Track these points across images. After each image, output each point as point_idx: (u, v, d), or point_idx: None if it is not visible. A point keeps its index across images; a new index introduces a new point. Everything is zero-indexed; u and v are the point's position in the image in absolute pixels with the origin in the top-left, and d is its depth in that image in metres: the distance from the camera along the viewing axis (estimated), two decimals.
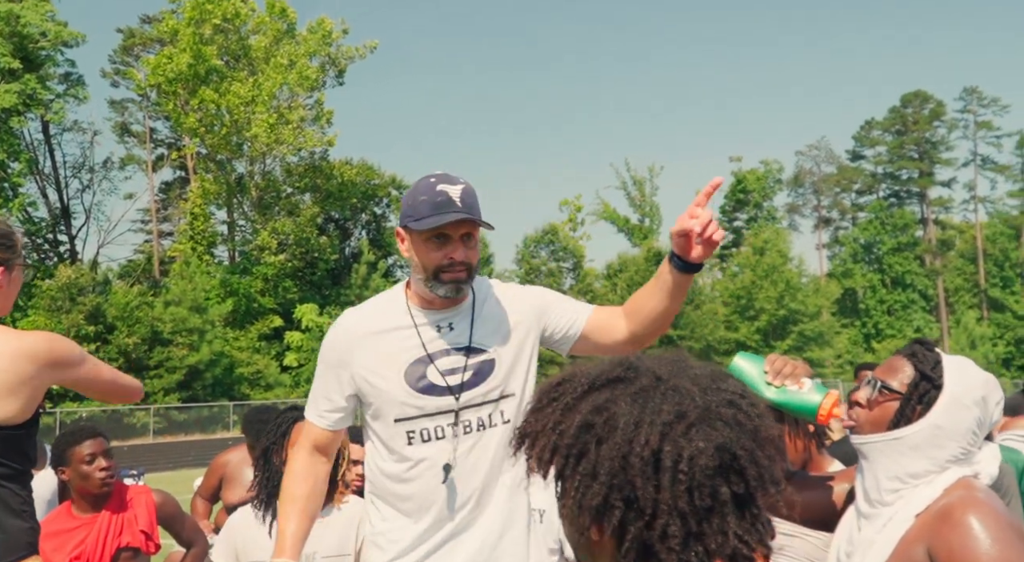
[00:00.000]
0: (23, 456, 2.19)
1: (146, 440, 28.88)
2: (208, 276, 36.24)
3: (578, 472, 0.95)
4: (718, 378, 1.00)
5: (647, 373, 0.99)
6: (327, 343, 2.24)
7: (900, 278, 55.76)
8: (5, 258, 2.26)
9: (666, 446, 0.91)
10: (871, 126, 62.15)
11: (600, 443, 0.94)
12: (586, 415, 0.96)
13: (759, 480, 0.93)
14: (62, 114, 35.86)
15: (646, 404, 0.95)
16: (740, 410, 0.96)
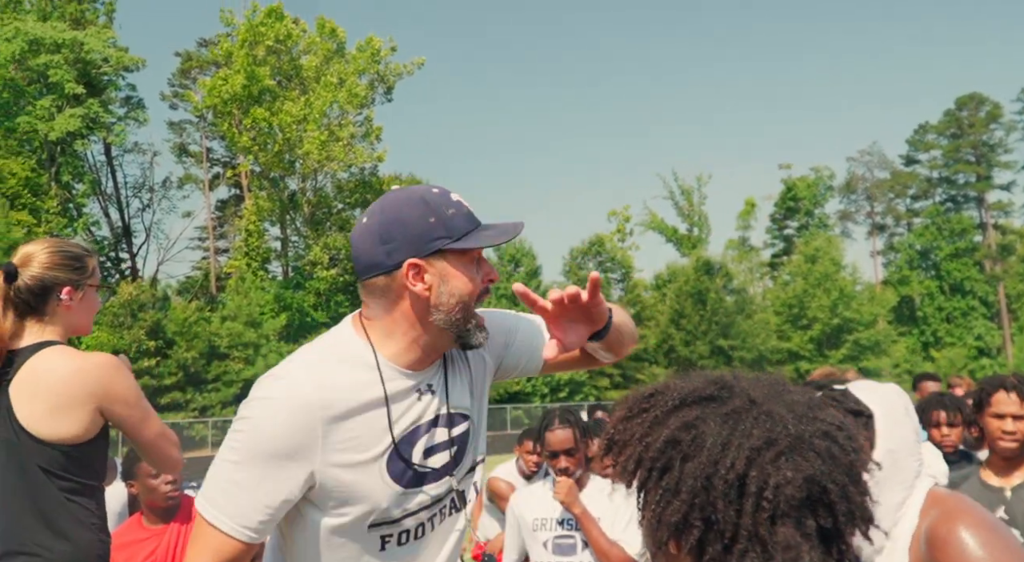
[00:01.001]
0: (89, 471, 2.21)
1: (204, 452, 29.52)
2: (262, 291, 36.99)
3: (660, 486, 0.94)
4: (815, 406, 0.97)
5: (741, 395, 0.97)
6: (276, 425, 1.52)
7: (959, 284, 54.49)
8: (74, 279, 2.30)
9: (752, 472, 0.89)
10: (925, 130, 60.97)
11: (685, 460, 0.93)
12: (674, 430, 0.95)
13: (849, 516, 0.91)
14: (123, 136, 37.04)
15: (736, 426, 0.93)
16: (835, 442, 0.93)
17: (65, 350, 2.23)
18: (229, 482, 1.53)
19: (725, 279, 46.38)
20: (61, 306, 2.29)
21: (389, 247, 1.61)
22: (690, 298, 43.72)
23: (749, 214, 53.60)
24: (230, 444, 1.56)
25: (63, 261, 2.30)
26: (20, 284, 2.25)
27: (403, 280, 1.60)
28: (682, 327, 43.60)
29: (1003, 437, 2.77)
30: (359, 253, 1.65)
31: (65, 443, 2.15)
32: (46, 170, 34.14)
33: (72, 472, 2.16)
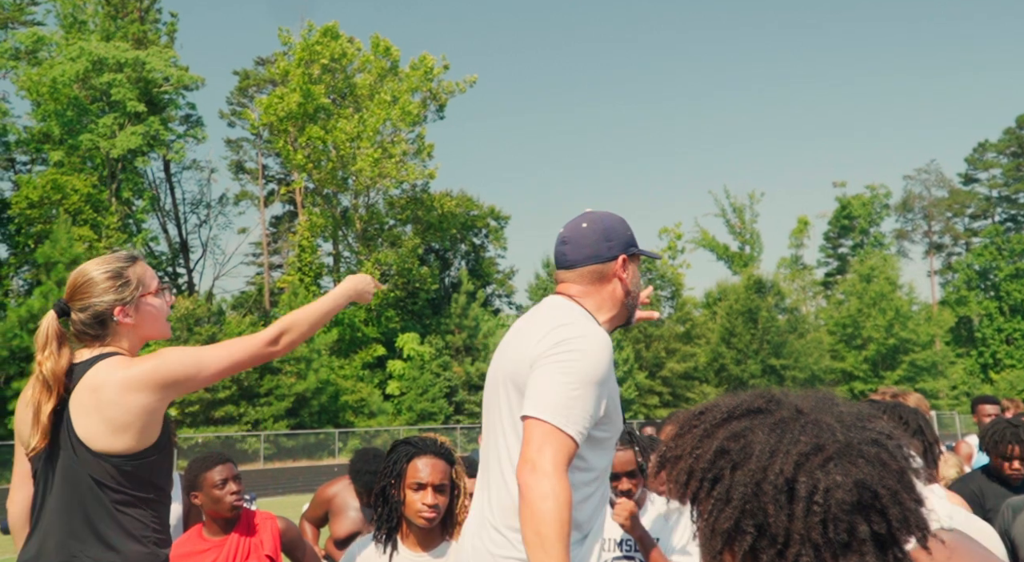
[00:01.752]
0: (143, 483, 2.20)
1: (257, 465, 29.89)
2: None
3: (712, 496, 0.95)
4: (865, 417, 0.98)
5: (788, 406, 0.99)
6: (601, 356, 2.04)
7: (1019, 305, 53.04)
8: (119, 299, 2.29)
9: (801, 476, 0.91)
10: (985, 148, 59.64)
11: (735, 469, 0.94)
12: (723, 441, 0.97)
13: (903, 522, 0.91)
14: (182, 154, 37.90)
15: (783, 435, 0.94)
16: (885, 449, 0.94)
17: (117, 361, 2.22)
18: (569, 398, 1.97)
19: (777, 298, 45.75)
20: (121, 325, 2.31)
21: (610, 244, 2.23)
22: (741, 316, 43.20)
23: (802, 232, 52.90)
24: (564, 371, 2.00)
25: (105, 284, 2.30)
26: (75, 318, 2.29)
27: (616, 269, 2.23)
28: (733, 346, 43.07)
29: None
30: (583, 245, 2.23)
31: (118, 455, 2.16)
32: (107, 186, 35.10)
33: (124, 484, 2.17)
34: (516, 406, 2.10)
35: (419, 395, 36.40)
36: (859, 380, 44.66)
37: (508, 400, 2.14)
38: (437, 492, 2.61)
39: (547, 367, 2.01)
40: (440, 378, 36.91)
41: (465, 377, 37.66)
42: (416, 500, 2.59)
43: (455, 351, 38.63)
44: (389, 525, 2.65)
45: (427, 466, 2.62)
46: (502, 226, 45.96)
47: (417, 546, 2.66)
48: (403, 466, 2.64)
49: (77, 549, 2.14)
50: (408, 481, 2.61)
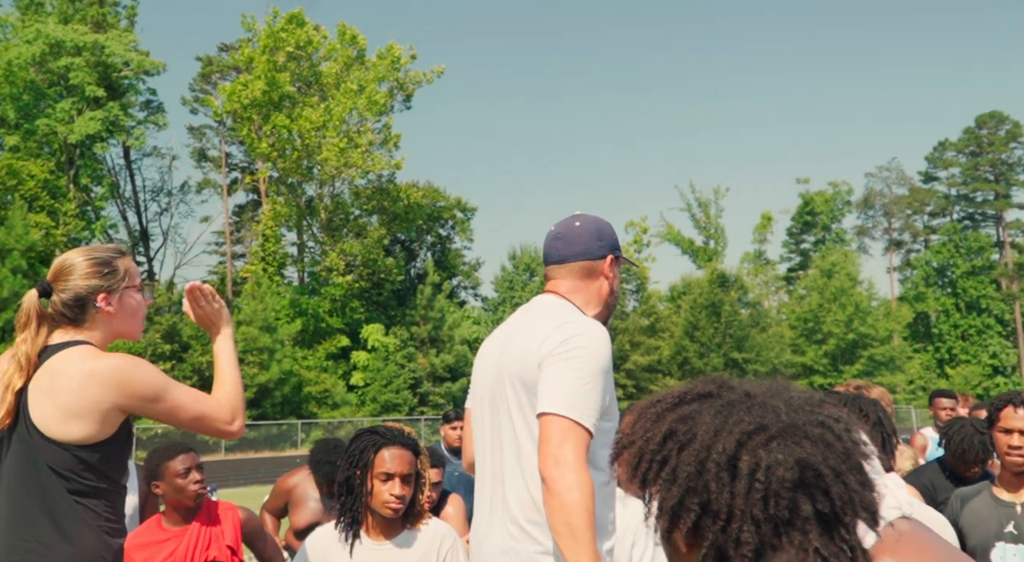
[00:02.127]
0: (100, 473, 2.17)
1: (218, 456, 29.62)
2: (278, 296, 37.13)
3: (660, 477, 0.98)
4: (815, 402, 0.99)
5: (738, 390, 1.02)
6: (606, 349, 2.16)
7: (975, 302, 54.18)
8: (106, 285, 2.28)
9: (743, 455, 0.93)
10: (944, 147, 60.74)
11: (681, 449, 0.97)
12: (671, 424, 1.00)
13: (847, 502, 0.92)
14: (143, 140, 37.34)
15: (729, 416, 0.97)
16: (830, 431, 0.95)
17: (85, 350, 2.20)
18: (581, 391, 2.07)
19: (740, 292, 46.25)
20: (101, 313, 2.28)
21: (601, 243, 2.35)
22: (705, 310, 43.61)
23: (766, 228, 53.50)
24: (574, 367, 2.09)
25: (93, 269, 2.29)
26: (56, 299, 2.26)
27: (604, 267, 2.35)
28: (696, 339, 43.47)
29: (1010, 452, 2.80)
30: (576, 241, 2.34)
31: (75, 444, 2.13)
32: (65, 173, 34.44)
33: (81, 474, 2.14)
34: (527, 405, 2.18)
35: (383, 386, 36.28)
36: (819, 374, 45.35)
37: (518, 399, 2.21)
38: (404, 482, 2.62)
39: (557, 365, 2.11)
40: (405, 369, 36.82)
41: (430, 368, 37.60)
42: (384, 491, 2.60)
43: (420, 342, 38.54)
44: (353, 514, 2.65)
45: (394, 457, 2.62)
46: (468, 218, 45.89)
47: (380, 535, 2.67)
48: (370, 456, 2.64)
49: (28, 533, 2.11)
50: (375, 471, 2.61)
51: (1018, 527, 2.74)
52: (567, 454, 1.99)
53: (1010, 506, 2.79)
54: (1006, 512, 2.79)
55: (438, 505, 4.68)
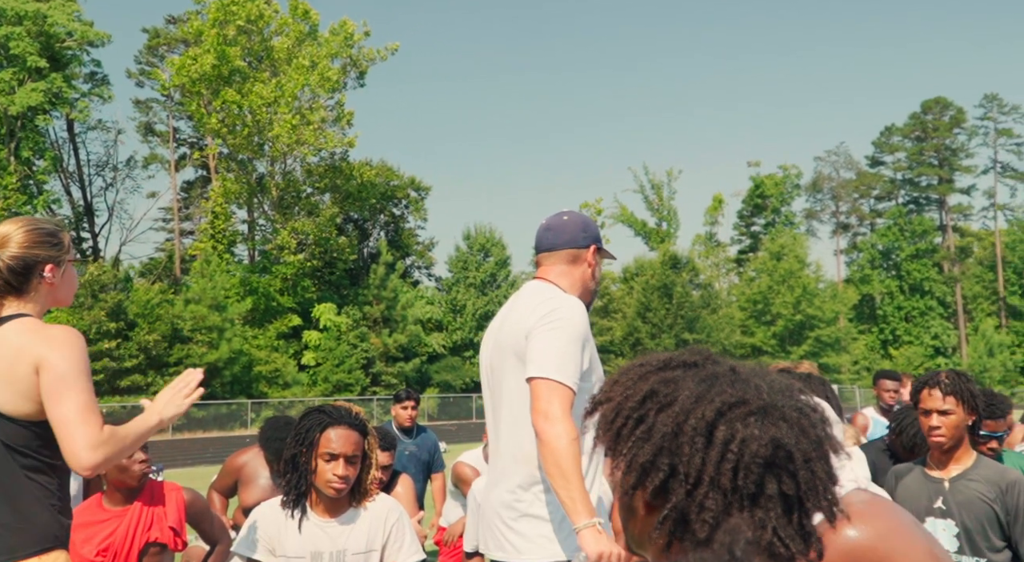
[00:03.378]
0: (53, 449, 2.13)
1: (165, 436, 29.20)
2: (228, 275, 36.59)
3: (635, 434, 0.98)
4: (795, 389, 1.01)
5: (723, 365, 1.03)
6: (583, 319, 2.50)
7: (918, 285, 55.48)
8: (54, 256, 2.28)
9: (721, 424, 0.93)
10: (891, 132, 61.87)
11: (660, 410, 0.97)
12: (654, 385, 1.00)
13: (811, 488, 0.93)
14: (87, 113, 36.35)
15: (712, 386, 0.98)
16: (807, 418, 0.96)
17: (28, 322, 2.18)
18: (563, 354, 2.39)
19: (692, 274, 46.75)
20: (44, 283, 2.27)
21: (586, 234, 2.66)
22: (657, 292, 44.01)
23: (717, 210, 54.05)
24: (556, 336, 2.42)
25: (41, 238, 2.27)
26: (2, 265, 2.22)
27: (588, 256, 2.65)
28: (648, 320, 43.89)
29: (931, 433, 2.87)
30: (564, 231, 2.66)
31: (26, 418, 2.10)
32: (5, 145, 33.40)
33: (34, 449, 2.12)
34: (520, 372, 2.47)
35: (335, 366, 36.04)
36: (768, 355, 46.12)
37: (514, 369, 2.52)
38: (348, 463, 2.61)
39: (541, 334, 2.43)
40: (357, 349, 36.59)
41: (383, 348, 37.43)
42: (327, 470, 2.60)
43: (373, 322, 38.32)
44: (298, 491, 2.66)
45: (340, 437, 2.62)
46: (422, 197, 45.60)
47: (325, 513, 2.67)
48: (316, 435, 2.64)
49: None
50: (320, 451, 2.61)
51: (946, 503, 2.82)
52: (554, 409, 2.31)
53: (939, 482, 2.86)
54: (935, 488, 2.86)
55: (388, 485, 4.68)
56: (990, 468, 2.83)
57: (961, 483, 2.82)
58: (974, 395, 2.85)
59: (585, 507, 2.22)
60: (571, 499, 2.23)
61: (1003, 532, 2.74)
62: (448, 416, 37.45)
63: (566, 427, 2.28)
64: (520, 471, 2.50)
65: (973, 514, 2.76)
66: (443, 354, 40.60)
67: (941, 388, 2.86)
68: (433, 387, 38.97)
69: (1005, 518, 2.72)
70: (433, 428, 7.22)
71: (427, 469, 5.98)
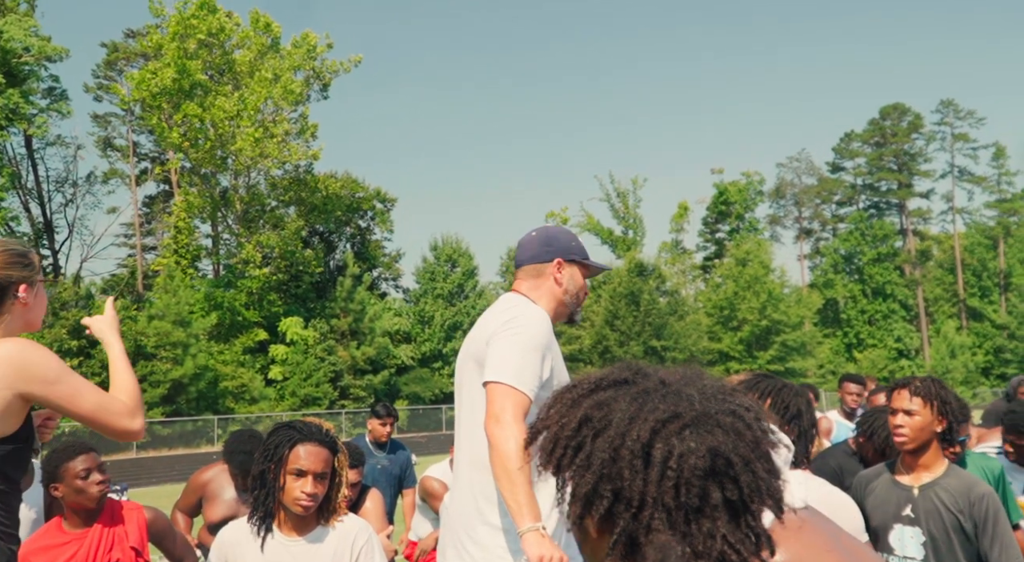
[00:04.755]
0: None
1: (129, 455, 28.74)
2: (192, 290, 36.14)
3: (575, 463, 0.98)
4: (726, 391, 1.01)
5: (653, 378, 1.03)
6: (543, 327, 2.53)
7: (880, 288, 56.27)
8: (27, 276, 2.27)
9: (657, 442, 0.93)
10: (851, 138, 62.83)
11: (596, 436, 0.97)
12: (587, 410, 1.00)
13: (755, 490, 0.94)
14: (45, 128, 35.73)
15: (644, 404, 0.97)
16: (741, 420, 0.96)
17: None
18: (520, 360, 2.41)
19: (658, 281, 47.03)
20: (18, 304, 2.24)
21: (549, 248, 2.74)
22: (624, 299, 44.20)
23: (682, 217, 54.46)
24: (512, 342, 2.44)
25: (13, 259, 2.25)
26: None
27: (551, 269, 2.72)
28: (616, 328, 44.05)
29: (893, 431, 2.88)
30: (528, 248, 2.76)
31: None
32: None
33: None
34: (479, 378, 2.50)
35: (303, 380, 35.70)
36: (735, 360, 46.49)
37: (472, 376, 2.58)
38: (317, 480, 2.58)
39: (498, 340, 2.46)
40: (325, 363, 36.30)
41: (351, 361, 37.15)
42: (295, 487, 2.56)
43: (340, 335, 38.04)
44: (265, 509, 2.63)
45: (309, 454, 2.58)
46: (388, 208, 45.41)
47: (292, 531, 2.63)
48: (284, 452, 2.61)
49: None
50: (289, 467, 2.58)
51: (914, 510, 2.81)
52: (506, 414, 2.32)
53: (908, 490, 2.86)
54: (904, 495, 2.86)
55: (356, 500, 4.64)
56: (961, 479, 2.82)
57: (930, 491, 2.82)
58: (945, 401, 2.86)
59: (530, 511, 2.21)
60: (516, 503, 2.22)
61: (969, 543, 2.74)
62: (417, 428, 37.25)
63: (515, 431, 2.28)
64: (478, 478, 2.49)
65: (940, 523, 2.76)
66: (412, 366, 40.39)
67: (910, 389, 2.88)
68: (402, 399, 38.75)
69: (973, 530, 2.73)
70: (403, 440, 7.19)
71: (398, 484, 5.94)
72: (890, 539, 2.85)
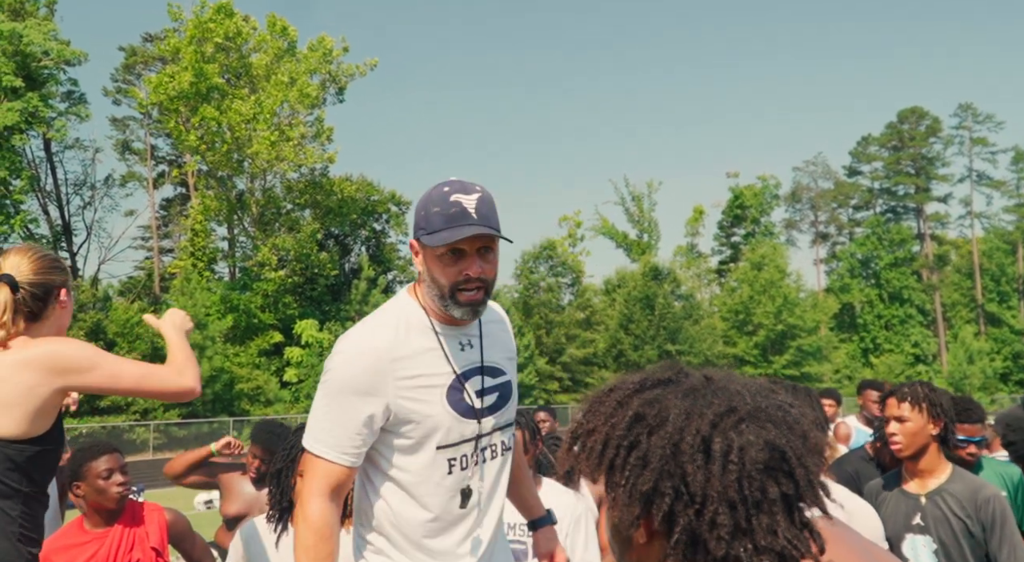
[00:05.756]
0: (25, 475, 2.10)
1: (146, 456, 28.89)
2: (208, 292, 36.34)
3: (629, 462, 0.96)
4: (768, 389, 1.02)
5: (697, 376, 1.03)
6: (353, 369, 1.93)
7: (897, 293, 55.91)
8: (65, 280, 2.35)
9: (716, 437, 0.92)
10: (868, 142, 62.48)
11: (651, 433, 0.95)
12: (638, 408, 0.98)
13: (808, 484, 0.93)
14: (64, 132, 36.04)
15: (697, 399, 0.97)
16: (790, 415, 0.97)
17: (17, 342, 2.19)
18: (325, 420, 1.94)
19: (673, 285, 46.89)
20: (58, 307, 2.32)
21: (415, 225, 2.01)
22: (639, 303, 44.10)
23: (697, 221, 54.29)
24: (320, 392, 1.98)
25: (52, 264, 2.34)
26: (24, 293, 2.25)
27: (416, 248, 2.02)
28: (631, 332, 43.96)
29: (889, 439, 2.88)
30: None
31: (6, 439, 2.08)
32: None
33: (4, 473, 2.07)
34: None
35: (318, 382, 35.79)
36: (750, 365, 46.29)
37: None
38: None
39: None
40: None
41: None
42: None
43: None
44: (280, 507, 2.68)
45: None
46: (403, 211, 45.52)
47: None
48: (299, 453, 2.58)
49: None
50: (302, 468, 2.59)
51: (924, 519, 2.81)
52: (304, 490, 1.95)
53: (915, 498, 2.85)
54: (912, 504, 2.85)
55: None
56: (966, 483, 2.81)
57: (937, 499, 2.81)
58: (935, 403, 2.83)
59: None
60: None
61: (979, 547, 2.73)
62: None
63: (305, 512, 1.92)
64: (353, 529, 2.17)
65: (949, 530, 2.75)
66: None
67: (898, 395, 2.88)
68: None
69: (981, 534, 2.71)
70: None
71: None
72: (903, 549, 2.85)
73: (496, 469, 2.10)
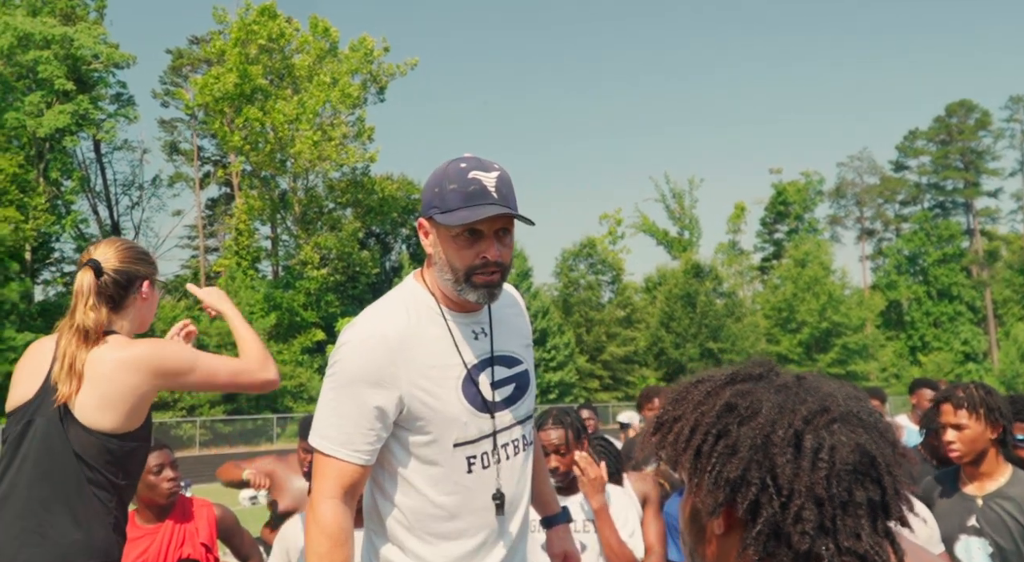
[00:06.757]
0: (119, 467, 2.20)
1: (192, 452, 29.39)
2: (252, 290, 36.85)
3: (717, 449, 0.96)
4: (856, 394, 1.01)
5: (787, 374, 1.03)
6: (362, 358, 1.79)
7: (946, 290, 54.82)
8: (151, 273, 2.41)
9: (808, 433, 0.93)
10: (915, 136, 61.33)
11: (742, 423, 0.96)
12: (730, 398, 0.99)
13: (895, 492, 0.93)
14: (113, 133, 36.79)
15: (789, 396, 0.97)
16: (880, 422, 0.97)
17: (117, 339, 2.26)
18: (334, 415, 1.80)
19: (715, 282, 46.50)
20: (139, 299, 2.39)
21: (423, 203, 1.88)
22: (680, 301, 43.81)
23: (739, 218, 53.79)
24: (327, 386, 1.84)
25: (139, 256, 2.41)
26: (107, 279, 2.32)
27: (425, 228, 1.86)
28: (672, 330, 43.68)
29: (946, 448, 2.82)
30: None
31: (102, 432, 2.16)
32: (34, 166, 33.90)
33: (102, 464, 2.17)
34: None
35: None
36: (794, 363, 45.75)
37: None
38: None
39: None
40: None
41: None
42: None
43: None
44: None
45: None
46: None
47: None
48: None
49: (44, 518, 2.11)
50: None
51: (979, 521, 2.76)
52: (314, 492, 1.81)
53: (972, 500, 2.80)
54: (968, 506, 2.80)
55: None
56: None
57: (994, 501, 2.76)
58: (992, 407, 2.76)
59: None
60: None
61: None
62: None
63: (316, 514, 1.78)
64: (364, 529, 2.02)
65: (1006, 533, 2.71)
66: None
67: (953, 402, 2.79)
68: None
69: None
70: None
71: None
72: (956, 550, 2.80)
73: (519, 466, 1.94)
